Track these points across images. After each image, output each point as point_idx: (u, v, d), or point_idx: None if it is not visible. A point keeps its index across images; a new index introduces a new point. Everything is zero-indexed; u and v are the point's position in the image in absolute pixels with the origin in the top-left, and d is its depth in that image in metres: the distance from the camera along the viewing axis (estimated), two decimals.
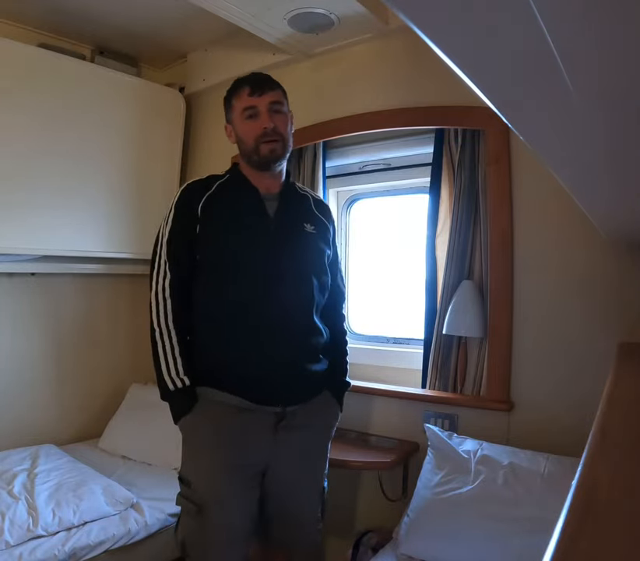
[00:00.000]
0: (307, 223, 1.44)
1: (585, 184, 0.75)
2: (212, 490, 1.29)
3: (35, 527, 1.56)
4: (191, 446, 1.34)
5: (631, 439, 0.60)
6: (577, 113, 0.41)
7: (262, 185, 1.40)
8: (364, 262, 2.43)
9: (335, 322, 1.52)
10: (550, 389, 1.69)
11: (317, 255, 1.43)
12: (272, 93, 1.36)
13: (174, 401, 1.32)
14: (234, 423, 1.31)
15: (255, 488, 1.35)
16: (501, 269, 1.77)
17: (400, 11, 0.27)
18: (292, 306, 1.35)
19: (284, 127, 1.38)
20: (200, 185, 1.39)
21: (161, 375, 1.30)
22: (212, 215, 1.34)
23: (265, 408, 1.32)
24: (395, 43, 1.97)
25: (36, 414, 2.34)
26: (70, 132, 2.15)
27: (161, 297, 1.32)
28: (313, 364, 1.39)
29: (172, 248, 1.35)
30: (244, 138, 1.37)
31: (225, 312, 1.33)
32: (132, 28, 2.28)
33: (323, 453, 1.46)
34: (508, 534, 1.33)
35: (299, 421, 1.36)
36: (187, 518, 1.31)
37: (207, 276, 1.35)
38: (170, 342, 1.31)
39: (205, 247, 1.34)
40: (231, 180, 1.42)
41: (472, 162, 1.86)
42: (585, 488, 0.44)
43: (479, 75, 0.36)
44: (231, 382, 1.32)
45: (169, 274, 1.33)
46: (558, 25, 0.27)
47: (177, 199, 1.38)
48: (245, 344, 1.32)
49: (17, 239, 2.03)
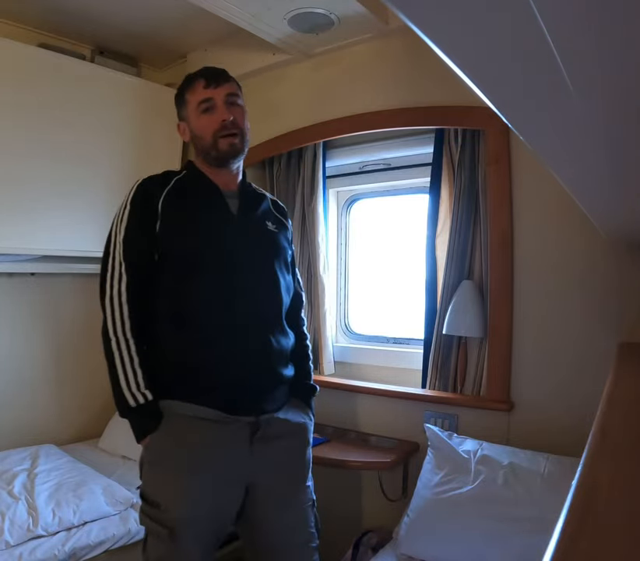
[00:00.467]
0: (269, 221, 1.39)
1: (585, 184, 0.75)
2: (185, 513, 1.16)
3: (35, 527, 1.56)
4: (159, 467, 1.21)
5: (631, 439, 0.60)
6: (577, 113, 0.41)
7: (221, 182, 1.34)
8: (364, 263, 2.43)
9: (297, 326, 1.45)
10: (550, 389, 1.69)
11: (282, 254, 1.37)
12: (228, 85, 1.30)
13: (136, 419, 1.20)
14: (206, 439, 1.20)
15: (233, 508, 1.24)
16: (501, 269, 1.77)
17: (400, 11, 0.27)
18: (262, 307, 1.28)
19: (242, 120, 1.31)
20: (158, 181, 1.30)
21: (120, 389, 1.18)
22: (174, 212, 1.25)
23: (237, 419, 1.22)
24: (395, 43, 1.97)
25: (36, 414, 2.34)
26: (70, 131, 2.14)
27: (117, 302, 1.20)
28: (285, 369, 1.32)
29: (129, 248, 1.23)
30: (201, 133, 1.29)
31: (190, 316, 1.23)
32: (132, 28, 2.28)
33: (305, 462, 1.36)
34: (508, 534, 1.33)
35: (275, 430, 1.27)
36: (156, 541, 1.17)
37: (169, 277, 1.24)
38: (129, 352, 1.19)
39: (166, 245, 1.24)
40: (189, 176, 1.34)
41: (473, 162, 1.86)
42: (585, 488, 0.44)
43: (479, 75, 0.36)
44: (199, 391, 1.22)
45: (125, 277, 1.21)
46: (558, 25, 0.27)
47: (132, 194, 1.28)
48: (214, 348, 1.22)
49: (17, 239, 2.03)
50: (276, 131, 2.27)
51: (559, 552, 0.33)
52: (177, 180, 1.31)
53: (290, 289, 1.40)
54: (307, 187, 2.24)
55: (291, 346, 1.36)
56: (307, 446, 1.37)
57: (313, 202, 2.22)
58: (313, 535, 1.32)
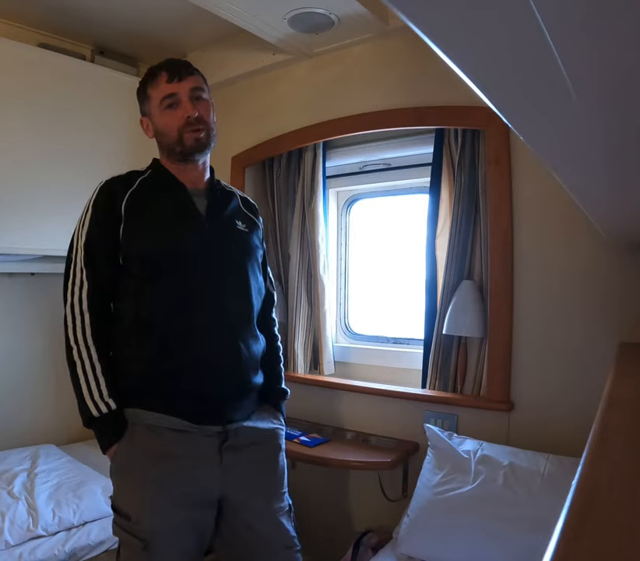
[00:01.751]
0: (239, 220, 1.33)
1: (584, 184, 0.75)
2: (157, 526, 1.12)
3: (35, 527, 1.57)
4: (127, 478, 1.17)
5: (631, 438, 0.60)
6: (577, 113, 0.41)
7: (188, 180, 1.29)
8: (364, 263, 2.43)
9: (268, 327, 1.41)
10: (550, 389, 1.69)
11: (252, 255, 1.32)
12: (192, 78, 1.24)
13: (100, 428, 1.16)
14: (172, 449, 1.16)
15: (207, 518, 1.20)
16: (501, 269, 1.77)
17: (400, 11, 0.27)
18: (231, 311, 1.23)
19: (207, 115, 1.26)
20: (121, 182, 1.25)
21: (82, 399, 1.15)
22: (138, 214, 1.20)
23: (204, 428, 1.18)
24: (395, 43, 1.97)
25: (36, 414, 2.34)
26: (70, 131, 2.15)
27: (78, 310, 1.19)
28: (254, 376, 1.27)
29: (90, 253, 1.20)
30: (165, 130, 1.24)
31: (156, 321, 1.18)
32: (132, 28, 2.28)
33: (279, 468, 1.31)
34: (508, 534, 1.33)
35: (244, 439, 1.23)
36: (130, 552, 1.13)
37: (134, 281, 1.20)
38: (91, 360, 1.16)
39: (130, 249, 1.19)
40: (154, 175, 1.29)
41: (473, 162, 1.86)
42: (585, 488, 0.44)
43: (479, 75, 0.36)
44: (164, 400, 1.17)
45: (86, 284, 1.19)
46: (558, 25, 0.27)
47: (95, 196, 1.23)
48: (180, 354, 1.17)
49: (17, 239, 2.03)
50: (276, 131, 2.27)
51: (559, 551, 0.33)
52: (141, 180, 1.26)
53: (262, 291, 1.36)
54: (307, 187, 2.24)
55: (262, 351, 1.32)
56: (279, 452, 1.32)
57: (313, 202, 2.22)
58: (294, 539, 1.28)
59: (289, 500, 1.32)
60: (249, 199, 1.47)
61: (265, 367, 1.34)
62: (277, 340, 1.45)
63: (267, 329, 1.41)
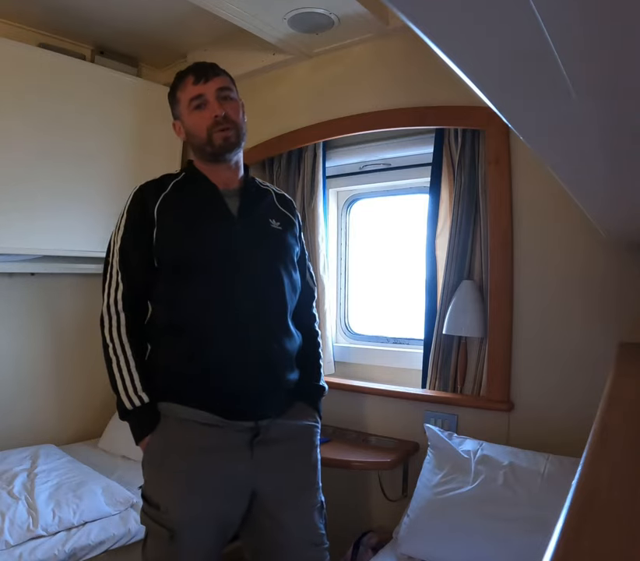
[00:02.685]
0: (273, 219, 1.34)
1: (584, 184, 0.75)
2: (185, 516, 1.16)
3: (35, 527, 1.56)
4: (158, 469, 1.21)
5: (631, 438, 0.60)
6: (577, 113, 0.41)
7: (220, 180, 1.30)
8: (364, 263, 2.43)
9: (306, 322, 1.42)
10: (550, 389, 1.69)
11: (286, 253, 1.33)
12: (219, 79, 1.26)
13: (134, 421, 1.21)
14: (203, 443, 1.19)
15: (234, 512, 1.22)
16: (501, 269, 1.77)
17: (400, 11, 0.27)
18: (265, 309, 1.25)
19: (236, 114, 1.27)
20: (154, 186, 1.29)
21: (118, 393, 1.20)
22: (170, 217, 1.24)
23: (236, 424, 1.20)
24: (395, 43, 1.97)
25: (36, 414, 2.34)
26: (70, 131, 2.14)
27: (114, 310, 1.22)
28: (288, 372, 1.29)
29: (125, 257, 1.24)
30: (195, 131, 1.26)
31: (190, 320, 1.22)
32: (132, 28, 2.28)
33: (312, 464, 1.32)
34: (508, 534, 1.33)
35: (275, 434, 1.24)
36: (157, 541, 1.18)
37: (167, 283, 1.24)
38: (125, 357, 1.20)
39: (164, 252, 1.23)
40: (187, 178, 1.32)
41: (473, 162, 1.86)
42: (585, 488, 0.44)
43: (479, 75, 0.36)
44: (196, 396, 1.21)
45: (122, 285, 1.23)
46: (558, 25, 0.27)
47: (129, 202, 1.27)
48: (215, 352, 1.20)
49: (17, 239, 2.03)
50: (276, 131, 2.27)
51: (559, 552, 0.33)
52: (174, 183, 1.29)
53: (297, 288, 1.35)
54: (307, 187, 2.24)
55: (297, 348, 1.33)
56: (313, 448, 1.33)
57: (313, 202, 2.22)
58: (323, 536, 1.30)
59: (322, 497, 1.33)
60: (286, 195, 1.47)
61: (303, 363, 1.35)
62: (317, 336, 1.45)
63: (307, 325, 1.42)
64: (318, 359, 1.43)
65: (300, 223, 1.45)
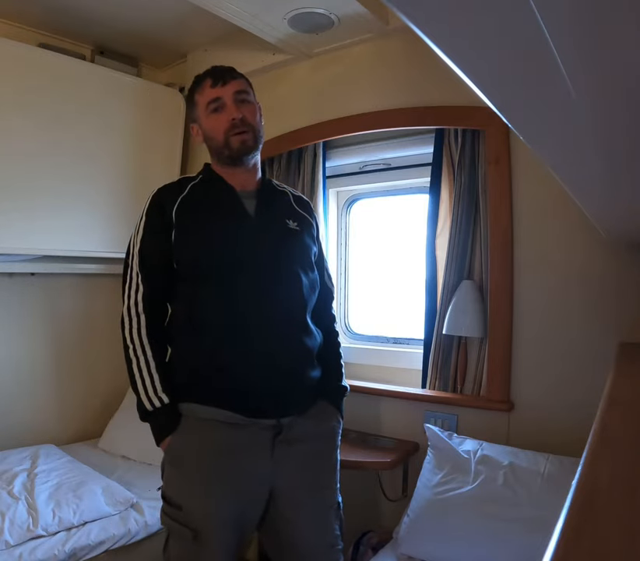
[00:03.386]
0: (290, 219, 1.35)
1: (584, 184, 0.75)
2: (209, 516, 1.17)
3: (35, 527, 1.56)
4: (179, 470, 1.22)
5: (631, 438, 0.60)
6: (577, 113, 0.41)
7: (237, 183, 1.32)
8: (364, 263, 2.43)
9: (326, 322, 1.43)
10: (550, 389, 1.69)
11: (303, 253, 1.34)
12: (236, 82, 1.28)
13: (155, 422, 1.21)
14: (225, 443, 1.20)
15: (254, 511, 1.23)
16: (501, 269, 1.77)
17: (400, 11, 0.27)
18: (284, 308, 1.26)
19: (253, 117, 1.29)
20: (172, 189, 1.30)
21: (138, 393, 1.20)
22: (189, 219, 1.25)
23: (258, 422, 1.21)
24: (395, 43, 1.97)
25: (36, 414, 2.34)
26: (70, 131, 2.14)
27: (134, 312, 1.23)
28: (310, 370, 1.29)
29: (145, 259, 1.25)
30: (212, 134, 1.28)
31: (210, 320, 1.22)
32: (132, 28, 2.28)
33: (331, 465, 1.33)
34: (508, 534, 1.33)
35: (297, 433, 1.24)
36: (180, 542, 1.18)
37: (187, 284, 1.25)
38: (145, 358, 1.21)
39: (183, 253, 1.24)
40: (204, 180, 1.33)
41: (473, 162, 1.86)
42: (585, 488, 0.44)
43: (479, 75, 0.36)
44: (216, 395, 1.21)
45: (142, 287, 1.24)
46: (558, 25, 0.27)
47: (148, 205, 1.29)
48: (236, 351, 1.21)
49: (17, 239, 2.03)
50: (276, 131, 2.27)
51: (559, 552, 0.33)
52: (192, 186, 1.31)
53: (316, 287, 1.36)
54: (307, 187, 2.24)
55: (318, 346, 1.33)
56: (334, 449, 1.34)
57: (313, 202, 2.22)
58: (337, 538, 1.30)
59: (339, 498, 1.34)
60: (303, 196, 1.48)
61: (324, 363, 1.35)
62: (337, 336, 1.46)
63: (326, 325, 1.42)
64: (339, 359, 1.44)
65: (317, 224, 1.46)
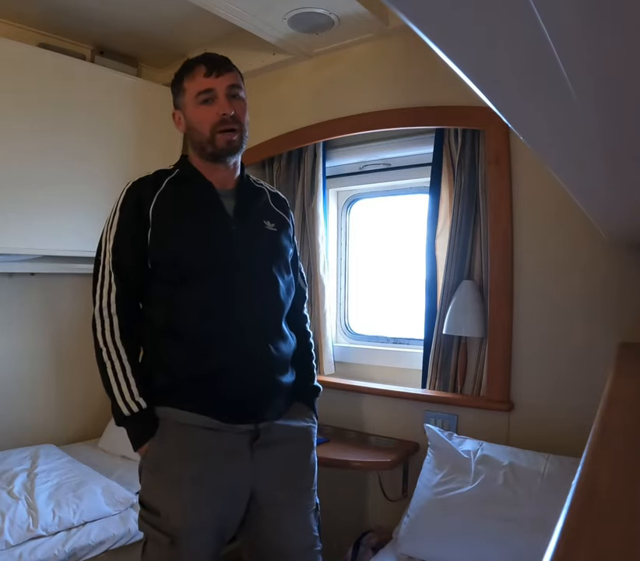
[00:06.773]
0: (267, 220, 1.31)
1: (584, 184, 0.75)
2: (186, 522, 1.14)
3: (35, 527, 1.56)
4: (157, 475, 1.18)
5: (631, 439, 0.60)
6: (577, 113, 0.41)
7: (217, 180, 1.26)
8: (364, 263, 2.43)
9: (299, 324, 1.40)
10: (550, 389, 1.69)
11: (281, 255, 1.31)
12: (230, 75, 1.21)
13: (132, 427, 1.17)
14: (203, 447, 1.17)
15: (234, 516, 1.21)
16: (501, 269, 1.77)
17: (400, 11, 0.27)
18: (262, 312, 1.23)
19: (243, 115, 1.22)
20: (148, 183, 1.23)
21: (114, 399, 1.16)
22: (165, 217, 1.19)
23: (235, 427, 1.19)
24: (395, 43, 1.97)
25: (36, 414, 2.34)
26: (70, 131, 2.14)
27: (106, 313, 1.18)
28: (285, 376, 1.27)
29: (118, 257, 1.19)
30: (198, 126, 1.20)
31: (185, 322, 1.19)
32: (132, 28, 2.28)
33: (310, 466, 1.31)
34: (508, 534, 1.33)
35: (275, 436, 1.23)
36: (157, 548, 1.15)
37: (162, 285, 1.21)
38: (120, 361, 1.16)
39: (158, 253, 1.19)
40: (182, 175, 1.27)
41: (473, 162, 1.86)
42: (585, 488, 0.44)
43: (479, 75, 0.36)
44: (194, 400, 1.18)
45: (114, 287, 1.18)
46: (558, 25, 0.27)
47: (122, 199, 1.22)
48: (209, 357, 1.17)
49: (17, 239, 2.03)
50: (276, 131, 2.27)
51: (559, 552, 0.32)
52: (169, 180, 1.25)
53: (291, 290, 1.34)
54: (307, 187, 2.24)
55: (292, 351, 1.32)
56: (311, 450, 1.33)
57: (313, 202, 2.22)
58: (317, 539, 1.29)
59: (317, 499, 1.32)
60: (280, 194, 1.44)
61: (297, 364, 1.34)
62: (309, 337, 1.44)
63: (299, 327, 1.40)
64: (312, 360, 1.42)
65: (293, 223, 1.43)
